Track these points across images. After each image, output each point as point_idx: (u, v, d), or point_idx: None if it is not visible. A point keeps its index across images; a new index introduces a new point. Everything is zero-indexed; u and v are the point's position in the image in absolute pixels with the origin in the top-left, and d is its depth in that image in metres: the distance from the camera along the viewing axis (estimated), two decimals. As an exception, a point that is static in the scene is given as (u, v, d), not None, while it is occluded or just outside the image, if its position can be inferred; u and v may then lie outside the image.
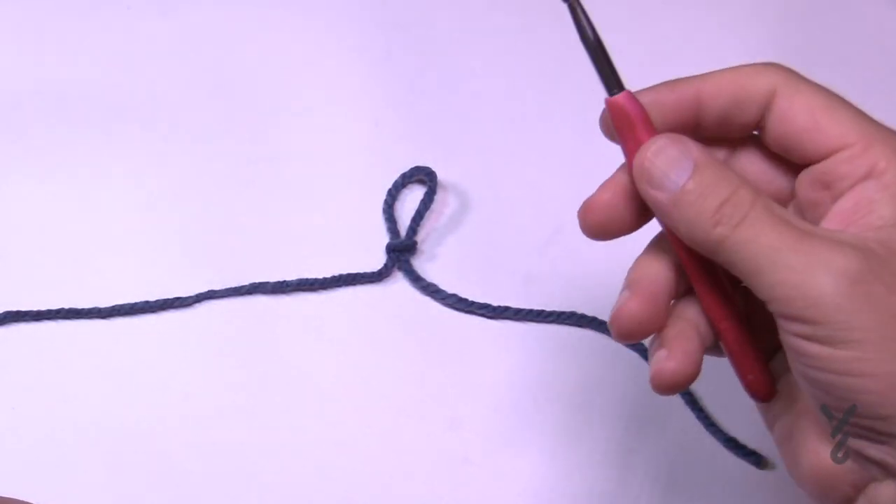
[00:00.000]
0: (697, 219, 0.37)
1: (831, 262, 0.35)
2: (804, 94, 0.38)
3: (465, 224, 0.57)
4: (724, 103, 0.39)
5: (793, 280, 0.35)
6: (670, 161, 0.37)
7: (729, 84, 0.39)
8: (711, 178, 0.37)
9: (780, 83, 0.38)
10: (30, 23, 0.62)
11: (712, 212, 0.36)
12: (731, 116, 0.39)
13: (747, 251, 0.36)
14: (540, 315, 0.54)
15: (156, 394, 0.52)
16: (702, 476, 0.51)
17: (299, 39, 0.62)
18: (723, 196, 0.36)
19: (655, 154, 0.37)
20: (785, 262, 0.35)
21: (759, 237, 0.36)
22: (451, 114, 0.60)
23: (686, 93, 0.40)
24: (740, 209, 0.36)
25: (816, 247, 0.35)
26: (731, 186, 0.36)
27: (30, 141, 0.58)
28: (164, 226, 0.56)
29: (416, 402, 0.52)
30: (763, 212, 0.36)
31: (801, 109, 0.38)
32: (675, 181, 0.37)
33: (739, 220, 0.36)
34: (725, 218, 0.36)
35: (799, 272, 0.35)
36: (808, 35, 0.63)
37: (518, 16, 0.64)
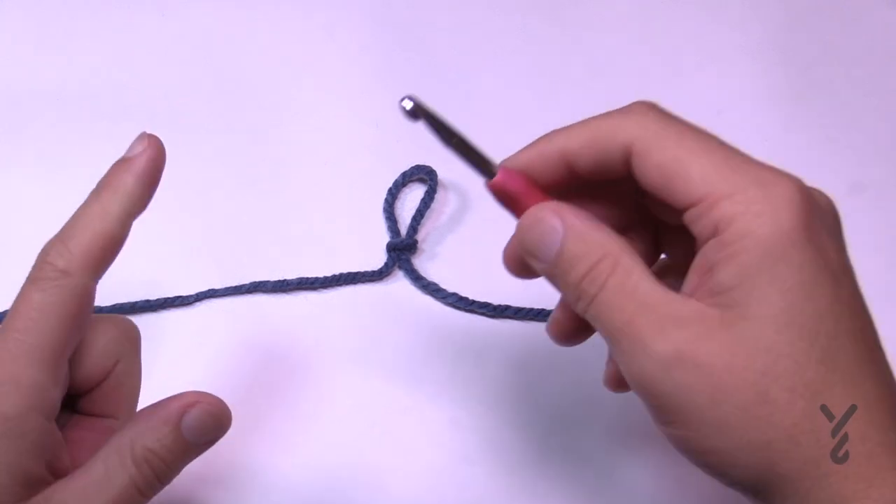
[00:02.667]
0: (566, 291, 0.38)
1: (649, 348, 0.36)
2: (657, 148, 0.38)
3: (466, 223, 0.57)
4: (590, 159, 0.39)
5: (624, 360, 0.37)
6: (542, 233, 0.38)
7: (589, 141, 0.39)
8: (576, 249, 0.38)
9: (636, 137, 0.38)
10: (30, 23, 0.62)
11: (575, 287, 0.38)
12: (602, 170, 0.39)
13: (601, 328, 0.38)
14: (540, 314, 0.54)
15: (156, 393, 0.51)
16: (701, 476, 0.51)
17: (300, 39, 0.62)
18: (582, 271, 0.37)
19: (528, 228, 0.39)
20: (620, 345, 0.37)
21: (604, 316, 0.37)
22: (450, 114, 0.60)
23: (551, 153, 0.40)
24: (594, 284, 0.37)
25: (641, 329, 0.36)
26: (591, 258, 0.37)
27: (30, 141, 0.58)
28: (164, 226, 0.56)
29: (416, 402, 0.52)
30: (613, 287, 0.37)
31: (653, 167, 0.38)
32: (547, 252, 0.38)
33: (593, 297, 0.37)
34: (584, 294, 0.37)
35: (627, 355, 0.37)
36: (808, 35, 0.64)
37: (518, 16, 0.64)
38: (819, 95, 0.61)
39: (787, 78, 0.61)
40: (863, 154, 0.60)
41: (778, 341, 0.35)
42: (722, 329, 0.36)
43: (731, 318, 0.36)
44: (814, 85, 0.62)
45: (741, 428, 0.36)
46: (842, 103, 0.61)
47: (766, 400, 0.35)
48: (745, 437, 0.36)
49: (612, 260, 0.37)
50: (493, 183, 0.40)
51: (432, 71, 0.61)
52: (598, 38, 0.63)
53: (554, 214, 0.38)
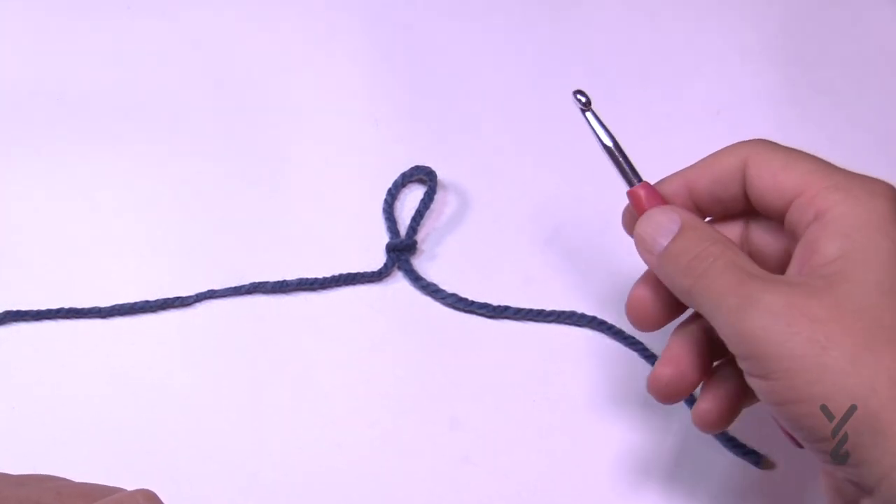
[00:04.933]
0: (674, 273, 0.42)
1: (759, 302, 0.39)
2: (767, 159, 0.43)
3: (465, 224, 0.57)
4: (708, 184, 0.45)
5: (732, 320, 0.40)
6: (658, 227, 0.43)
7: (708, 167, 0.45)
8: (688, 240, 0.42)
9: (750, 156, 0.44)
10: (30, 23, 0.62)
11: (684, 266, 0.42)
12: (718, 193, 0.45)
13: (705, 298, 0.41)
14: (540, 315, 0.54)
15: (156, 394, 0.52)
16: (702, 476, 0.51)
17: (299, 39, 0.62)
18: (693, 253, 0.42)
19: (646, 222, 0.44)
20: (728, 305, 0.40)
21: (713, 285, 0.41)
22: (451, 114, 0.60)
23: (676, 184, 0.45)
24: (704, 263, 0.41)
25: (750, 292, 0.40)
26: (702, 245, 0.42)
27: (30, 141, 0.58)
28: (164, 226, 0.56)
29: (416, 402, 0.52)
30: (719, 264, 0.41)
31: (764, 173, 0.43)
32: (660, 244, 0.43)
33: (702, 273, 0.41)
34: (691, 271, 0.42)
35: (735, 312, 0.40)
36: (808, 35, 0.63)
37: (518, 16, 0.64)
38: (819, 95, 0.61)
39: (787, 78, 0.61)
40: (863, 154, 0.60)
41: (881, 302, 0.38)
42: (828, 290, 0.39)
43: (836, 283, 0.39)
44: (814, 85, 0.61)
45: (847, 374, 0.37)
46: (842, 103, 0.61)
47: (872, 349, 0.37)
48: (848, 382, 0.37)
49: (723, 245, 0.42)
50: (633, 190, 0.45)
51: (432, 71, 0.61)
52: (598, 37, 0.63)
53: (674, 211, 0.44)
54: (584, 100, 0.46)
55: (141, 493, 0.38)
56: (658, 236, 0.43)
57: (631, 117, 0.60)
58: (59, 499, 0.38)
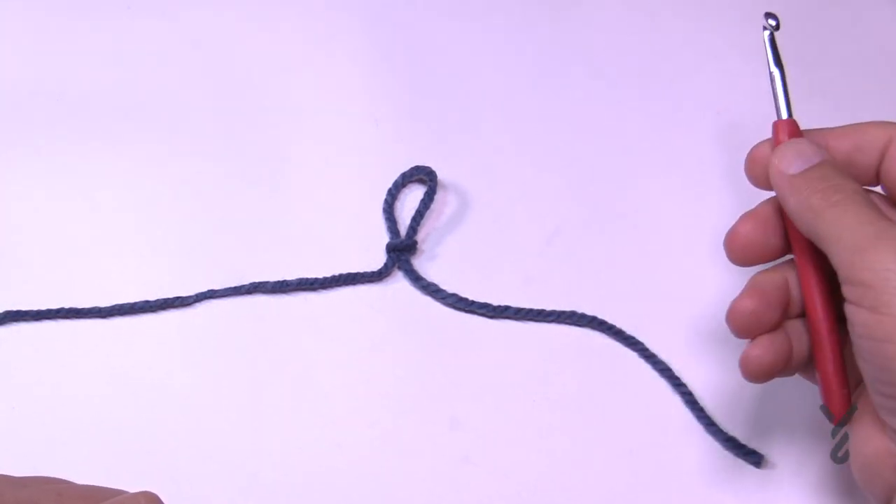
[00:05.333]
0: (809, 194, 0.43)
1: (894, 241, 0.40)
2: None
3: (465, 224, 0.57)
4: (848, 147, 0.45)
5: (862, 246, 0.40)
6: (801, 153, 0.44)
7: (853, 132, 0.46)
8: (827, 170, 0.43)
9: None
10: (30, 23, 0.62)
11: (820, 190, 0.42)
12: (855, 159, 0.45)
13: (837, 222, 0.42)
14: (540, 315, 0.54)
15: (156, 394, 0.52)
16: (701, 476, 0.51)
17: (299, 39, 0.62)
18: (833, 182, 0.43)
19: (791, 146, 0.44)
20: (863, 232, 0.41)
21: (848, 212, 0.42)
22: (451, 114, 0.60)
23: (816, 140, 0.45)
24: (840, 192, 0.42)
25: (889, 228, 0.40)
26: (842, 179, 0.43)
27: (30, 141, 0.58)
28: (164, 226, 0.56)
29: (416, 402, 0.52)
30: (858, 198, 0.42)
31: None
32: (799, 165, 0.44)
33: (836, 200, 0.42)
34: (826, 195, 0.42)
35: (867, 242, 0.40)
36: (808, 35, 0.63)
37: (518, 15, 0.64)
38: (819, 95, 0.61)
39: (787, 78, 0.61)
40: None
41: None
42: None
43: None
44: (814, 85, 0.61)
45: None
46: (842, 103, 0.61)
47: None
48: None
49: (858, 185, 0.43)
50: (781, 121, 0.46)
51: (432, 71, 0.61)
52: (598, 37, 0.63)
53: (817, 145, 0.44)
54: (775, 23, 0.48)
55: (143, 495, 0.38)
56: (797, 159, 0.44)
57: (631, 117, 0.60)
58: (60, 501, 0.38)
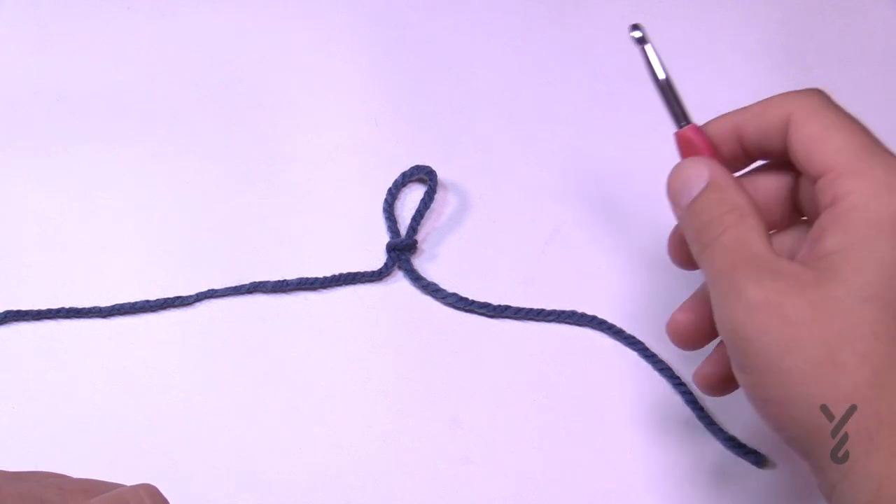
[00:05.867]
0: (690, 234, 0.42)
1: (743, 293, 0.38)
2: (809, 121, 0.41)
3: (465, 223, 0.57)
4: (754, 133, 0.43)
5: (718, 302, 0.39)
6: (685, 181, 0.42)
7: (756, 115, 0.42)
8: (710, 200, 0.41)
9: (795, 111, 0.41)
10: (30, 23, 0.62)
11: (698, 230, 0.41)
12: (763, 145, 0.43)
13: (707, 270, 0.40)
14: (540, 314, 0.54)
15: (156, 393, 0.52)
16: (702, 476, 0.51)
17: (299, 39, 0.62)
18: (708, 217, 0.40)
19: (675, 174, 0.42)
20: (719, 287, 0.39)
21: (714, 261, 0.40)
22: (451, 114, 0.60)
23: (725, 126, 0.43)
24: (714, 232, 0.40)
25: (740, 275, 0.39)
26: (720, 209, 0.40)
27: (30, 141, 0.58)
28: (164, 226, 0.56)
29: (416, 402, 0.52)
30: (728, 239, 0.40)
31: (801, 137, 0.41)
32: (685, 198, 0.42)
33: (709, 242, 0.40)
34: (704, 237, 0.40)
35: (722, 297, 0.39)
36: (808, 35, 0.63)
37: (518, 16, 0.64)
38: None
39: (787, 78, 0.61)
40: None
41: (861, 308, 0.37)
42: (812, 287, 0.38)
43: (824, 279, 0.38)
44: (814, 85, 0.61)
45: (804, 382, 0.37)
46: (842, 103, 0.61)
47: (834, 361, 0.37)
48: (806, 392, 0.37)
49: (739, 214, 0.40)
50: (681, 132, 0.44)
51: (432, 71, 0.61)
52: (598, 37, 0.63)
53: (704, 166, 0.42)
54: (640, 35, 0.45)
55: (143, 487, 0.38)
56: (684, 189, 0.42)
57: (631, 117, 0.60)
58: (61, 494, 0.38)
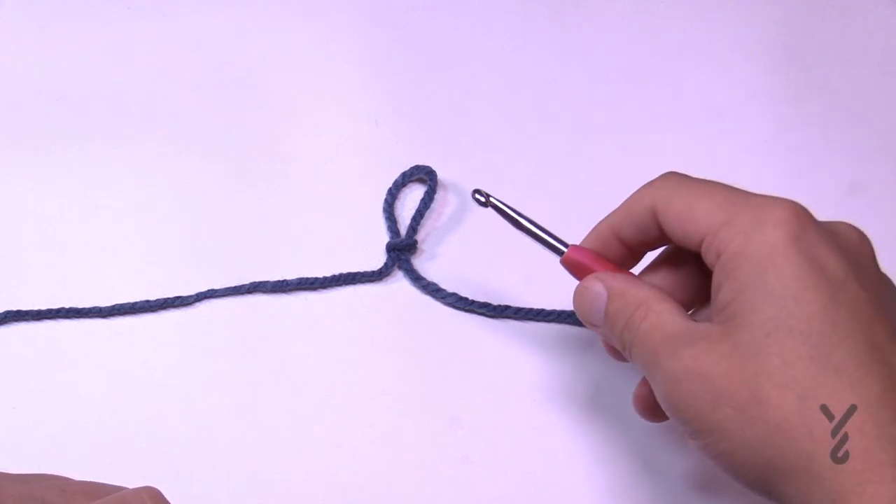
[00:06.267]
0: (616, 344, 0.44)
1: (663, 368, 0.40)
2: (671, 203, 0.42)
3: (466, 223, 0.57)
4: (630, 232, 0.44)
5: (653, 385, 0.42)
6: (589, 303, 0.44)
7: (626, 210, 0.44)
8: (617, 307, 0.43)
9: (656, 200, 0.43)
10: (30, 23, 0.62)
11: (620, 337, 0.43)
12: (642, 239, 0.44)
13: (639, 364, 0.42)
14: (540, 314, 0.54)
15: (156, 393, 0.52)
16: (702, 476, 0.51)
17: (299, 39, 0.62)
18: (623, 322, 0.42)
19: (579, 297, 0.45)
20: (648, 371, 0.42)
21: (639, 354, 0.42)
22: (451, 114, 0.60)
23: (604, 233, 0.45)
24: (631, 331, 0.42)
25: (659, 355, 0.40)
26: (627, 311, 0.42)
27: (30, 141, 0.58)
28: (164, 226, 0.56)
29: (416, 402, 0.52)
30: (643, 329, 0.41)
31: (671, 219, 0.42)
32: (597, 315, 0.44)
33: (631, 341, 0.42)
34: (626, 341, 0.43)
35: (652, 379, 0.41)
36: (808, 35, 0.63)
37: (518, 16, 0.64)
38: (819, 95, 0.61)
39: (787, 78, 0.61)
40: (863, 154, 0.60)
41: (767, 343, 0.38)
42: (721, 340, 0.39)
43: (729, 329, 0.39)
44: (813, 85, 0.61)
45: (739, 428, 0.38)
46: (842, 103, 0.61)
47: (758, 398, 0.38)
48: (743, 437, 0.38)
49: (646, 307, 0.42)
50: (565, 258, 0.45)
51: (432, 71, 0.61)
52: (598, 37, 0.63)
53: (597, 281, 0.44)
54: (483, 199, 0.47)
55: (145, 490, 0.38)
56: (592, 309, 0.44)
57: (631, 117, 0.60)
58: (63, 496, 0.38)
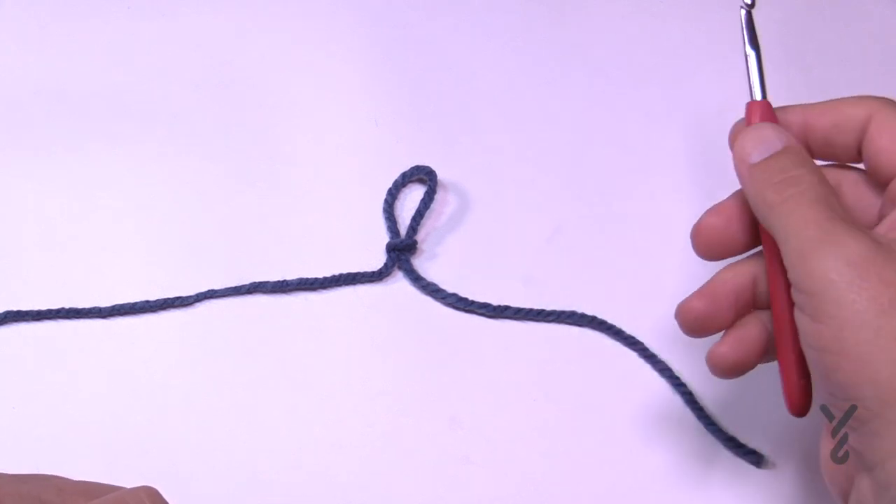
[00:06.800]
0: (764, 187, 0.42)
1: (840, 245, 0.38)
2: (893, 123, 0.42)
3: (465, 224, 0.57)
4: (827, 126, 0.44)
5: (806, 250, 0.39)
6: (760, 140, 0.43)
7: (831, 109, 0.44)
8: (788, 159, 0.42)
9: (876, 112, 0.43)
10: (30, 23, 0.62)
11: (776, 182, 0.41)
12: (834, 139, 0.44)
13: (786, 220, 0.40)
14: (540, 315, 0.54)
15: (156, 394, 0.52)
16: (702, 476, 0.51)
17: (299, 39, 0.62)
18: (789, 173, 0.41)
19: (751, 133, 0.43)
20: (807, 235, 0.39)
21: (797, 210, 0.40)
22: (451, 114, 0.60)
23: (794, 117, 0.44)
24: (795, 186, 0.41)
25: (834, 230, 0.39)
26: (799, 169, 0.41)
27: (30, 141, 0.58)
28: (164, 226, 0.56)
29: (416, 402, 0.52)
30: (812, 193, 0.40)
31: (885, 136, 0.42)
32: (760, 153, 0.42)
33: (792, 194, 0.40)
34: (782, 189, 0.41)
35: (812, 245, 0.39)
36: (807, 35, 0.63)
37: (518, 16, 0.64)
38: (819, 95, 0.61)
39: (787, 78, 0.61)
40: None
41: None
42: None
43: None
44: (814, 85, 0.61)
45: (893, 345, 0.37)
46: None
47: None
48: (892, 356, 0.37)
49: (820, 177, 0.41)
50: (756, 103, 0.45)
51: (432, 71, 0.61)
52: (598, 37, 0.63)
53: (782, 130, 0.43)
54: (751, 1, 0.46)
55: (143, 489, 0.38)
56: (758, 147, 0.42)
57: (631, 117, 0.60)
58: (61, 495, 0.38)
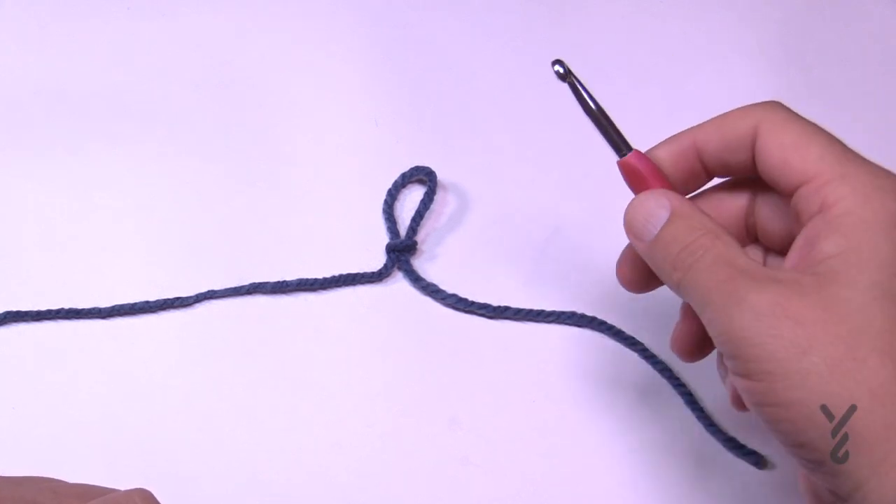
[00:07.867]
0: (663, 264, 0.41)
1: (743, 302, 0.37)
2: (780, 131, 0.41)
3: (465, 224, 0.57)
4: (717, 148, 0.42)
5: (717, 318, 0.38)
6: (647, 213, 0.41)
7: (717, 129, 0.42)
8: (678, 229, 0.40)
9: (762, 122, 0.41)
10: (30, 23, 0.62)
11: (673, 258, 0.40)
12: (727, 159, 0.42)
13: (693, 292, 0.40)
14: (540, 315, 0.54)
15: (156, 394, 0.52)
16: (702, 476, 0.51)
17: (299, 39, 0.62)
18: (682, 244, 0.40)
19: (635, 208, 0.42)
20: (714, 302, 0.38)
21: (699, 281, 0.39)
22: (451, 114, 0.60)
23: (684, 143, 0.43)
24: (693, 255, 0.40)
25: (736, 290, 0.38)
26: (692, 235, 0.40)
27: (30, 141, 0.58)
28: (164, 226, 0.56)
29: (416, 402, 0.52)
30: (709, 257, 0.39)
31: (774, 147, 0.41)
32: (651, 231, 0.41)
33: (690, 265, 0.40)
34: (680, 263, 0.40)
35: (721, 311, 0.38)
36: (807, 35, 0.63)
37: (518, 16, 0.64)
38: (819, 95, 0.61)
39: (787, 78, 0.61)
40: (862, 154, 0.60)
41: (873, 306, 0.37)
42: (816, 291, 0.37)
43: (827, 282, 0.37)
44: (813, 85, 0.61)
45: (826, 381, 0.36)
46: (842, 103, 0.61)
47: (855, 357, 0.36)
48: (827, 390, 0.36)
49: (714, 236, 0.40)
50: (624, 161, 0.43)
51: (432, 71, 0.61)
52: (598, 37, 0.63)
53: (664, 196, 0.41)
54: (563, 70, 0.44)
55: (137, 492, 0.38)
56: (648, 224, 0.41)
57: (631, 117, 0.60)
58: (56, 498, 0.38)
